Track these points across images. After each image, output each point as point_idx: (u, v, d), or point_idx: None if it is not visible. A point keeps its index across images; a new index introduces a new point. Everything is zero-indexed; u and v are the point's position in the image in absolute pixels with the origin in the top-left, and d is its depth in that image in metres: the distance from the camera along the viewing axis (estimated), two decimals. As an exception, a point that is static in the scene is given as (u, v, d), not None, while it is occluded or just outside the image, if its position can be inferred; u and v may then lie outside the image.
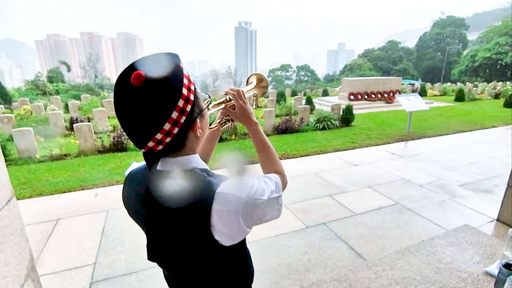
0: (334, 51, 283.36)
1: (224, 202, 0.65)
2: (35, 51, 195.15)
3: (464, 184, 4.18)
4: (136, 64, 0.63)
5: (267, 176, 0.82)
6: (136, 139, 0.64)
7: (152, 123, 0.62)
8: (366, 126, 8.76)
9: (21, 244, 1.25)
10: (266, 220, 0.76)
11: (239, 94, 0.94)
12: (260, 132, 0.96)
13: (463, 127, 8.44)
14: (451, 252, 1.97)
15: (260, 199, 0.70)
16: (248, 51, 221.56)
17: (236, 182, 0.69)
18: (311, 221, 3.26)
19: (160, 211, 0.70)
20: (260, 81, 1.21)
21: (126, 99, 0.61)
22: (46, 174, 5.01)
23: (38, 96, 23.41)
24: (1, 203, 1.14)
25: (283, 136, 7.51)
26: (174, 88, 0.63)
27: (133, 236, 2.92)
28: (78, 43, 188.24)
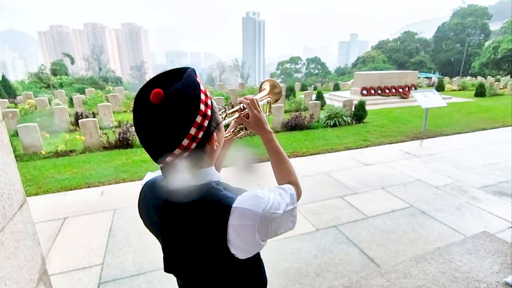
0: (346, 42, 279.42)
1: (240, 217, 0.68)
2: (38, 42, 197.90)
3: (483, 187, 4.13)
4: (154, 81, 0.66)
5: (282, 188, 0.84)
6: (155, 154, 0.67)
7: (170, 139, 0.64)
8: (379, 123, 8.67)
9: (33, 248, 1.30)
10: (281, 233, 0.78)
11: (253, 103, 0.96)
12: (274, 141, 0.97)
13: (483, 124, 8.27)
14: (469, 261, 1.96)
15: (276, 213, 0.72)
16: (256, 43, 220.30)
17: (252, 196, 0.71)
18: (322, 224, 3.28)
19: (177, 224, 0.73)
20: (273, 87, 1.23)
21: (146, 116, 0.64)
22: (52, 171, 5.14)
23: (41, 89, 23.84)
24: (14, 208, 1.19)
25: (292, 133, 7.50)
26: (192, 105, 0.65)
27: (140, 236, 2.98)
28: (81, 34, 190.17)
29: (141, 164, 5.36)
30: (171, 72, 0.69)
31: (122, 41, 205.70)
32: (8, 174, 1.17)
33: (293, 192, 0.84)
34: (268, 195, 0.73)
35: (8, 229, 1.12)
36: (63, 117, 8.26)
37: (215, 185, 0.74)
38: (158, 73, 0.69)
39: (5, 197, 1.12)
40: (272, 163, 0.97)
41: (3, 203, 1.10)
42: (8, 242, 1.11)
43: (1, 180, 1.11)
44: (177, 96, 0.63)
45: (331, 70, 53.20)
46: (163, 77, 0.67)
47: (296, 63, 52.06)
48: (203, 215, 0.70)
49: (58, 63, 35.62)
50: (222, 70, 69.05)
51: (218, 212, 0.68)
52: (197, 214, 0.70)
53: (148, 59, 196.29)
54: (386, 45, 50.31)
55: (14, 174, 1.23)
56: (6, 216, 1.12)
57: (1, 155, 1.14)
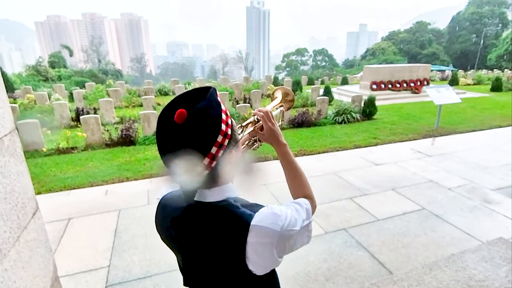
0: (354, 33, 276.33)
1: (258, 235, 0.71)
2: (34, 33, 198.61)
3: (499, 189, 4.12)
4: (178, 101, 0.69)
5: (298, 202, 0.87)
6: (176, 172, 0.70)
7: (193, 159, 0.67)
8: (389, 119, 8.64)
9: (46, 256, 1.35)
10: (297, 248, 0.82)
11: (268, 115, 0.99)
12: (289, 154, 1.00)
13: (499, 121, 8.20)
14: (484, 268, 1.98)
15: (293, 230, 0.76)
16: (261, 34, 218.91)
17: (270, 213, 0.74)
18: (331, 226, 3.31)
19: (196, 241, 0.77)
20: (286, 95, 1.25)
21: (169, 135, 0.67)
22: (54, 169, 5.23)
23: (40, 82, 24.03)
24: (28, 217, 1.23)
25: (299, 130, 7.51)
26: (214, 125, 0.68)
27: (146, 237, 3.05)
28: (79, 25, 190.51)
29: (144, 162, 5.42)
30: (194, 92, 0.72)
31: (122, 32, 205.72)
32: (21, 183, 1.21)
33: (308, 207, 0.88)
34: (286, 212, 0.77)
35: (22, 238, 1.16)
36: (63, 113, 8.35)
37: (233, 202, 0.77)
38: (182, 93, 0.72)
39: (19, 206, 1.17)
40: (286, 176, 1.00)
41: (17, 213, 1.15)
42: (23, 251, 1.15)
43: (15, 189, 1.16)
44: (201, 116, 0.66)
45: (339, 62, 52.73)
46: (186, 96, 0.71)
47: (303, 55, 51.67)
48: (221, 233, 0.73)
49: (56, 55, 35.82)
50: (225, 63, 68.91)
51: (237, 230, 0.71)
52: (216, 231, 0.74)
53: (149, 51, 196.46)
54: (397, 36, 49.65)
55: (27, 182, 1.27)
56: (21, 226, 1.16)
57: (15, 165, 1.18)
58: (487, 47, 42.81)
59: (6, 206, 1.07)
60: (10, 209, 1.09)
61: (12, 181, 1.13)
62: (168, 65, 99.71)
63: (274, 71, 54.21)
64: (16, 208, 1.14)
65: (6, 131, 1.14)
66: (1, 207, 1.04)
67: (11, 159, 1.15)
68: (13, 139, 1.19)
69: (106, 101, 8.96)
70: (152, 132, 7.04)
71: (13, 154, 1.17)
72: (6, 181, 1.09)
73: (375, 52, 46.35)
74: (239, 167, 1.09)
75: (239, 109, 7.68)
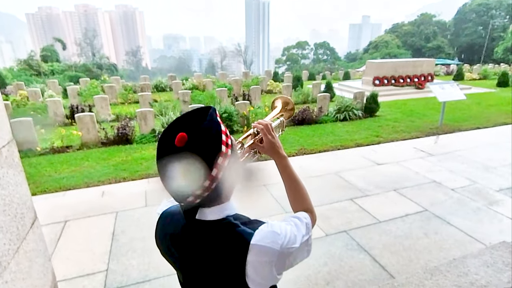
0: (357, 25, 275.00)
1: (258, 254, 0.74)
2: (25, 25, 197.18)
3: (503, 189, 4.16)
4: (177, 123, 0.71)
5: (298, 217, 0.90)
6: (177, 194, 0.73)
7: (193, 181, 0.70)
8: (392, 116, 8.66)
9: (45, 265, 1.38)
10: (296, 263, 0.85)
11: (267, 128, 1.01)
12: (290, 166, 1.03)
13: (505, 118, 8.22)
14: (486, 274, 2.02)
15: (292, 247, 0.78)
16: (260, 26, 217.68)
17: (269, 232, 0.77)
18: (331, 229, 3.35)
19: (195, 258, 0.80)
20: (286, 104, 1.28)
21: (169, 158, 0.69)
22: (49, 169, 5.25)
23: (32, 77, 23.97)
24: (26, 227, 1.26)
25: (299, 128, 7.53)
26: (215, 147, 0.70)
27: (144, 241, 3.09)
28: (72, 17, 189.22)
29: (141, 161, 5.45)
30: (193, 113, 0.74)
31: (116, 24, 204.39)
32: (20, 194, 1.24)
33: (308, 221, 0.90)
34: (285, 229, 0.79)
35: (22, 249, 1.19)
36: (57, 110, 8.36)
37: (232, 220, 0.79)
38: (181, 115, 0.74)
39: (18, 217, 1.20)
40: (287, 189, 1.03)
41: (16, 224, 1.18)
42: (22, 262, 1.19)
43: (14, 200, 1.18)
44: (201, 139, 0.69)
45: (340, 56, 52.64)
46: (186, 118, 0.73)
47: (303, 48, 51.52)
48: (221, 251, 0.76)
49: (49, 48, 35.67)
50: (224, 56, 68.66)
51: (237, 249, 0.74)
52: (216, 249, 0.76)
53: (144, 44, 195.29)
54: (401, 28, 49.50)
55: (25, 191, 1.30)
56: (20, 237, 1.19)
57: (13, 175, 1.21)
58: (494, 40, 42.69)
59: (5, 218, 1.10)
60: (9, 221, 1.12)
61: (11, 192, 1.16)
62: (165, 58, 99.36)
63: (274, 65, 54.05)
64: (15, 220, 1.17)
65: (4, 142, 1.17)
66: (1, 220, 1.06)
67: (9, 170, 1.18)
68: (11, 149, 1.22)
69: (101, 98, 8.96)
70: (149, 130, 7.06)
71: (11, 165, 1.20)
72: (5, 193, 1.12)
73: (378, 45, 46.22)
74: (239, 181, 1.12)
75: (238, 106, 7.68)
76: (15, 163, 1.23)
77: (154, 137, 6.81)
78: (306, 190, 1.03)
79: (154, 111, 7.71)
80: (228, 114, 7.19)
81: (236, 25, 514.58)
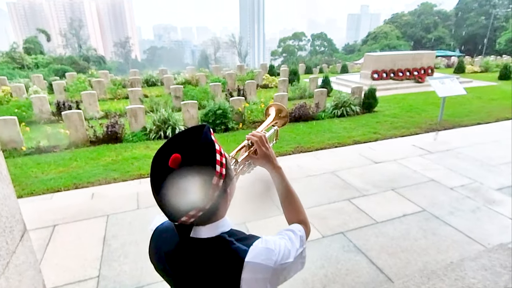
0: (355, 15, 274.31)
1: (253, 271, 0.77)
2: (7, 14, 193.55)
3: (503, 188, 4.24)
4: (171, 144, 0.74)
5: (292, 230, 0.93)
6: (171, 214, 0.75)
7: (187, 202, 0.72)
8: (391, 112, 8.74)
9: (35, 278, 1.40)
10: (290, 277, 0.88)
11: (261, 140, 1.04)
12: (284, 177, 1.06)
13: (507, 113, 8.33)
14: (483, 277, 2.08)
15: (286, 262, 0.82)
16: (255, 16, 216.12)
17: (264, 249, 0.80)
18: (328, 230, 3.40)
19: (190, 275, 0.82)
20: (279, 111, 1.31)
21: (164, 180, 0.71)
22: (35, 170, 5.23)
23: (15, 70, 23.65)
24: (16, 240, 1.28)
25: (296, 125, 7.57)
26: (209, 167, 0.73)
27: (136, 245, 3.11)
28: (57, 6, 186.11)
29: (132, 161, 5.45)
30: (187, 133, 0.76)
31: (104, 14, 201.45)
32: (9, 207, 1.25)
33: (302, 234, 0.94)
34: (279, 245, 0.82)
35: (12, 263, 1.22)
36: (43, 107, 8.29)
37: (227, 237, 0.82)
38: (175, 135, 0.77)
39: (7, 231, 1.21)
40: (281, 200, 1.06)
41: (5, 238, 1.20)
42: (12, 277, 1.21)
43: (3, 214, 1.20)
44: (195, 160, 0.71)
45: (338, 48, 52.59)
46: (180, 138, 0.75)
47: (300, 39, 51.36)
48: (216, 269, 0.79)
49: (32, 40, 35.14)
50: (217, 47, 68.22)
51: (231, 266, 0.77)
52: (211, 267, 0.79)
53: (134, 35, 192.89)
54: (401, 19, 49.55)
55: (14, 204, 1.32)
56: (9, 251, 1.21)
57: (1, 188, 1.22)
58: (497, 30, 42.94)
59: (-5, 234, 1.12)
60: (-2, 236, 1.14)
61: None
62: (155, 49, 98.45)
63: (269, 57, 53.85)
64: (4, 234, 1.18)
65: (-9, 155, 1.18)
66: (-10, 235, 1.08)
67: (-3, 183, 1.19)
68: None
69: (89, 94, 8.89)
70: (139, 128, 7.05)
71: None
72: (-7, 207, 1.14)
73: (377, 36, 46.25)
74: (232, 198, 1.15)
75: (233, 102, 7.69)
76: (2, 176, 1.25)
77: (145, 135, 6.80)
78: (300, 202, 1.06)
79: (145, 107, 7.68)
80: (222, 111, 7.19)
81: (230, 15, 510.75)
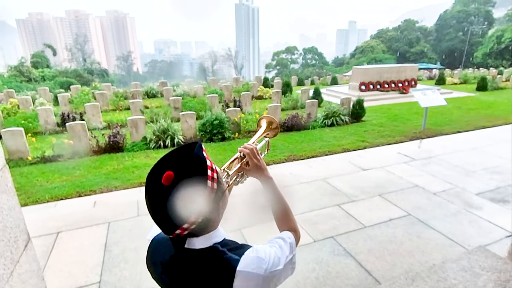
0: (344, 30, 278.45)
1: (244, 279, 0.78)
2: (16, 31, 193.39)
3: (482, 193, 4.29)
4: (164, 162, 0.75)
5: (282, 237, 0.94)
6: (166, 228, 0.76)
7: (180, 217, 0.73)
8: (378, 121, 8.83)
9: (38, 285, 1.39)
10: (281, 283, 0.89)
11: (253, 152, 1.06)
12: (275, 187, 1.07)
13: (484, 122, 8.48)
14: (463, 278, 2.10)
15: (276, 270, 0.83)
16: (250, 31, 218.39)
17: (254, 258, 0.81)
18: (319, 235, 3.40)
19: (184, 284, 0.83)
20: (270, 124, 1.33)
21: (158, 196, 0.73)
22: (40, 178, 5.18)
23: (22, 83, 23.54)
24: (20, 250, 1.27)
25: (289, 134, 7.60)
26: (201, 183, 0.74)
27: (136, 251, 3.08)
28: (63, 22, 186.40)
29: (133, 170, 5.42)
30: (180, 150, 0.78)
31: (107, 29, 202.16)
32: (13, 218, 1.25)
33: (292, 241, 0.95)
34: (269, 254, 0.83)
35: (16, 272, 1.21)
36: (48, 119, 8.24)
37: (220, 248, 0.83)
38: (168, 153, 0.78)
39: (12, 241, 1.21)
40: (272, 209, 1.07)
41: (10, 248, 1.19)
42: (16, 285, 1.20)
43: (8, 225, 1.20)
44: (187, 176, 0.72)
45: (328, 61, 53.18)
46: (173, 156, 0.76)
47: (293, 53, 51.86)
48: (209, 278, 0.79)
49: (39, 54, 35.03)
50: (214, 60, 68.47)
51: (224, 276, 0.78)
52: (204, 276, 0.80)
53: (136, 49, 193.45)
54: (386, 34, 50.40)
55: (18, 215, 1.31)
56: (14, 260, 1.21)
57: (7, 200, 1.22)
58: (474, 45, 43.86)
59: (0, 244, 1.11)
60: (3, 246, 1.13)
61: (4, 217, 1.17)
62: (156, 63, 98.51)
63: (264, 69, 54.26)
64: (8, 244, 1.18)
65: (-3, 169, 1.18)
66: (-5, 246, 1.08)
67: (2, 196, 1.19)
68: (4, 175, 1.23)
69: (92, 106, 8.87)
70: (140, 138, 7.03)
71: (4, 191, 1.21)
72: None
73: (365, 50, 46.95)
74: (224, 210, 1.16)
75: (229, 113, 7.72)
76: (8, 188, 1.25)
77: (145, 145, 6.78)
78: (290, 210, 1.08)
79: (145, 118, 7.68)
80: (219, 121, 7.21)
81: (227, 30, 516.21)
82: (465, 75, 19.06)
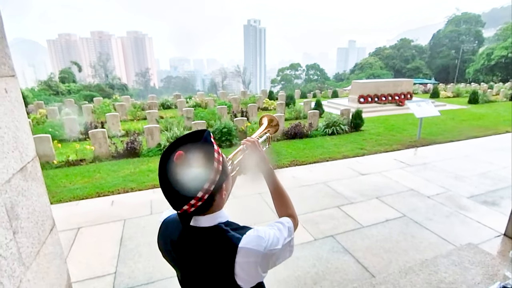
0: (344, 49, 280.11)
1: (245, 255, 0.81)
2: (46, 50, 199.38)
3: (473, 196, 4.23)
4: (177, 143, 0.80)
5: (281, 222, 0.96)
6: (175, 203, 0.80)
7: (188, 192, 0.77)
8: (375, 131, 8.79)
9: (61, 267, 1.43)
10: (279, 263, 0.91)
11: (255, 144, 1.09)
12: (275, 178, 1.10)
13: (476, 132, 8.38)
14: (453, 272, 2.07)
15: (275, 249, 0.85)
16: (257, 49, 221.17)
17: (255, 236, 0.83)
18: (320, 233, 3.39)
19: (191, 260, 0.86)
20: (271, 121, 1.37)
21: (169, 173, 0.77)
22: (64, 180, 5.28)
23: (51, 96, 24.12)
24: (46, 233, 1.32)
25: (292, 142, 7.63)
26: (208, 164, 0.78)
27: (149, 246, 3.11)
28: (88, 42, 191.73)
29: (148, 173, 5.49)
30: (191, 135, 0.82)
31: (128, 48, 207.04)
32: (41, 203, 1.30)
33: (290, 225, 0.97)
34: (269, 234, 0.86)
35: (42, 252, 1.25)
36: (73, 127, 8.42)
37: (223, 227, 0.86)
38: (181, 136, 0.83)
39: (39, 224, 1.26)
40: (273, 197, 1.10)
41: (38, 230, 1.24)
42: (42, 263, 1.24)
43: (36, 209, 1.25)
44: (196, 157, 0.77)
45: (330, 76, 53.31)
46: (185, 139, 0.81)
47: (296, 69, 52.23)
48: (213, 254, 0.82)
49: (66, 70, 36.00)
50: (224, 76, 69.34)
51: (227, 252, 0.81)
52: (209, 252, 0.83)
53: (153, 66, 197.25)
54: (383, 52, 50.48)
55: (46, 201, 1.37)
56: (41, 241, 1.25)
57: (36, 187, 1.28)
58: (465, 61, 43.60)
59: (29, 225, 1.16)
60: (32, 227, 1.18)
61: (33, 202, 1.23)
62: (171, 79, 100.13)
63: (270, 85, 54.62)
64: (36, 226, 1.23)
65: (29, 159, 1.24)
66: (25, 226, 1.13)
67: (33, 183, 1.25)
68: (34, 165, 1.29)
69: (112, 116, 9.05)
70: (155, 144, 7.13)
71: (34, 179, 1.27)
72: (29, 203, 1.19)
73: (363, 66, 47.01)
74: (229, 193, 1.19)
75: (236, 122, 7.80)
76: (37, 177, 1.30)
77: (160, 151, 6.86)
78: (289, 198, 1.10)
79: (160, 127, 7.80)
80: (227, 129, 7.28)
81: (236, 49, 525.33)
82: (457, 89, 18.90)
